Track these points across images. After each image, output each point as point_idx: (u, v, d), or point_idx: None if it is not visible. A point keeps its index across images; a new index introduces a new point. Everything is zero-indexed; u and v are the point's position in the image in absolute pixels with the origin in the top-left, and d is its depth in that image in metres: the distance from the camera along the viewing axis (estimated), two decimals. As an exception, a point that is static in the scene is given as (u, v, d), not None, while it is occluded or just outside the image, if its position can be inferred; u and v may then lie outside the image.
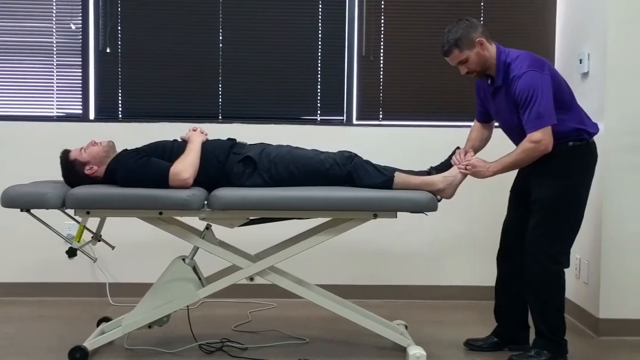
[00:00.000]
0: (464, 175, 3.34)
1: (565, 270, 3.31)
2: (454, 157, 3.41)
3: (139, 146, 3.43)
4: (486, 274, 3.90)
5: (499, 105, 3.34)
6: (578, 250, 3.88)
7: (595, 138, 3.34)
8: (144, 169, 3.21)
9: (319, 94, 4.69)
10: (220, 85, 4.67)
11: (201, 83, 4.67)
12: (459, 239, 4.64)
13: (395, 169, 3.34)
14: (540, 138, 3.13)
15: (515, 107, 3.21)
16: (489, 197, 4.29)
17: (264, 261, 3.37)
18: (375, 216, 3.24)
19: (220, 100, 4.68)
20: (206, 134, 3.47)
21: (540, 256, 3.25)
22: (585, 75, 4.10)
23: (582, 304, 4.07)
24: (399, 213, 3.27)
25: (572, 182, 3.26)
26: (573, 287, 4.02)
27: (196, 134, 3.42)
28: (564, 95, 3.25)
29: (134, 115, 4.66)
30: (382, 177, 3.29)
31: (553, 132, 3.15)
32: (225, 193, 3.19)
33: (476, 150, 3.48)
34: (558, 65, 4.51)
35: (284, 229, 3.58)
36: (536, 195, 3.29)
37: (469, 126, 3.64)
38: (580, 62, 4.12)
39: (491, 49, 3.27)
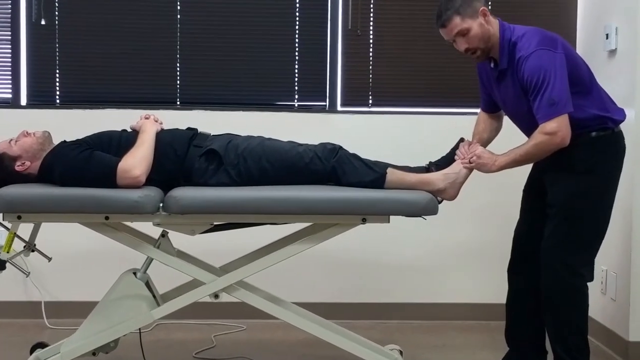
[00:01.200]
0: (469, 172, 3.34)
1: (589, 284, 3.33)
2: (457, 151, 3.42)
3: (80, 137, 3.42)
4: (495, 290, 3.93)
5: (504, 91, 3.34)
6: (604, 260, 3.91)
7: (624, 127, 3.36)
8: (86, 165, 3.20)
9: (296, 75, 4.70)
10: (178, 65, 4.66)
11: (156, 62, 4.66)
12: (464, 248, 4.67)
13: (387, 165, 3.35)
14: (556, 129, 3.13)
15: (524, 93, 3.21)
16: (499, 198, 4.32)
17: (231, 275, 3.37)
18: (364, 221, 3.25)
19: (178, 82, 4.67)
20: (161, 123, 3.47)
21: (558, 268, 3.27)
22: (612, 52, 4.14)
23: (609, 325, 4.11)
24: (392, 217, 3.28)
25: (595, 179, 3.27)
26: (598, 304, 4.06)
27: (149, 123, 3.42)
28: (582, 77, 3.26)
29: (74, 100, 4.65)
30: (372, 174, 3.30)
31: (570, 121, 3.14)
32: (184, 193, 3.19)
33: (485, 144, 3.49)
34: (580, 42, 4.55)
35: (254, 236, 3.58)
36: (553, 195, 3.31)
37: (476, 113, 3.66)
38: (607, 38, 4.15)
39: (494, 24, 3.27)
